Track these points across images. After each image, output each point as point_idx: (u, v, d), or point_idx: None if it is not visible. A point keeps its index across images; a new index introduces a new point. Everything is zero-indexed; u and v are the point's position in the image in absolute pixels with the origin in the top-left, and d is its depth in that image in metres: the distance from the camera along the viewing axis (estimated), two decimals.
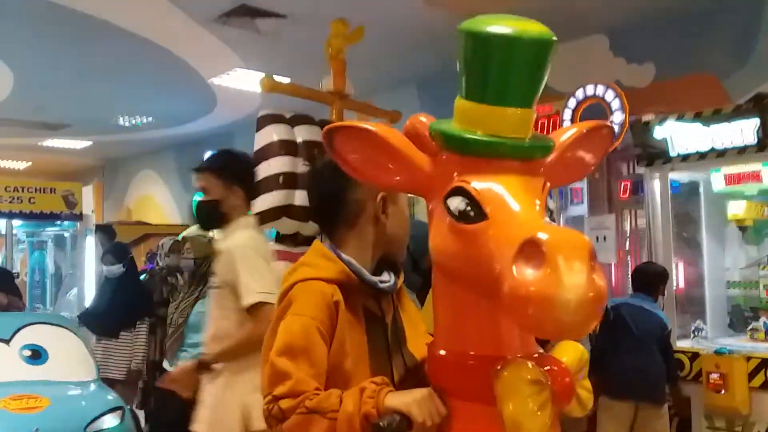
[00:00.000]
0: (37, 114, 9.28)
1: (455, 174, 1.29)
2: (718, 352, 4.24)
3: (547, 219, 1.29)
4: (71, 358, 4.48)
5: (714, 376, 4.16)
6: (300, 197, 4.00)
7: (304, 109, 4.50)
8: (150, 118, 9.81)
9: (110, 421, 4.06)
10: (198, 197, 3.09)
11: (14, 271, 7.67)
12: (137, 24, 6.08)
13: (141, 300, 5.53)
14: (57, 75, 7.64)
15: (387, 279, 1.58)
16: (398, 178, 1.38)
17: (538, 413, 1.22)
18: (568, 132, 1.46)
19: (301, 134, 4.24)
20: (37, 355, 4.31)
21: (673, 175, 4.75)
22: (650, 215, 4.91)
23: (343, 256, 1.54)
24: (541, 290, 1.05)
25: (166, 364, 4.63)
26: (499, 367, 1.25)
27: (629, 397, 4.09)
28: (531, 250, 1.08)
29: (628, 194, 5.35)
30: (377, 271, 1.61)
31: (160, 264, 5.90)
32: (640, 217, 5.37)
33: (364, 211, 1.58)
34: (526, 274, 1.07)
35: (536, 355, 1.35)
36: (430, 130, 1.35)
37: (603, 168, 5.48)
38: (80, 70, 7.48)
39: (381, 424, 1.29)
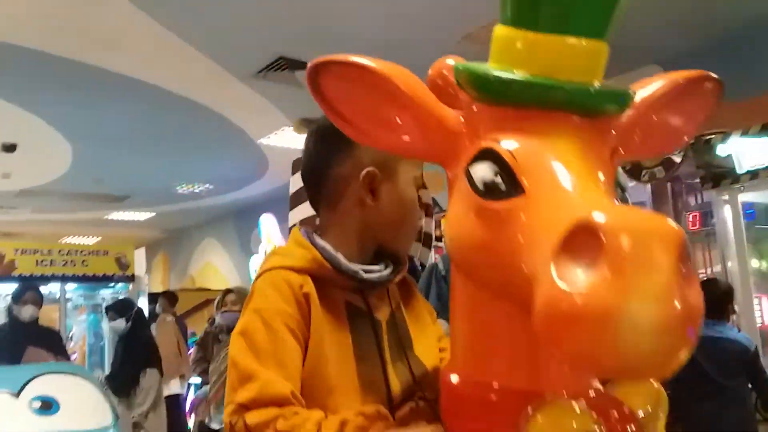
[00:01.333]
0: (98, 186, 9.56)
1: (486, 132, 0.93)
2: None
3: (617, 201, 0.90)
4: (85, 406, 4.34)
5: None
6: None
7: None
8: (208, 185, 9.96)
9: None
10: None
11: (70, 333, 7.74)
12: (183, 86, 6.18)
13: (146, 352, 5.51)
14: (114, 145, 7.84)
15: (375, 269, 1.27)
16: (407, 137, 1.00)
17: None
18: (655, 83, 1.03)
19: None
20: (48, 406, 4.21)
21: (743, 197, 4.36)
22: (723, 245, 4.49)
23: (318, 241, 1.25)
24: (595, 303, 0.68)
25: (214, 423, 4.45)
26: (531, 409, 0.88)
27: None
28: (582, 241, 0.71)
29: (698, 225, 4.96)
30: (375, 263, 1.31)
31: (215, 322, 5.83)
32: (714, 249, 4.94)
33: (347, 190, 1.26)
34: (573, 276, 0.70)
35: (591, 393, 0.96)
36: (456, 72, 0.97)
37: (668, 198, 5.11)
38: (136, 139, 7.66)
39: None
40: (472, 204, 0.92)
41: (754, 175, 4.18)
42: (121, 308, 5.86)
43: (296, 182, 4.32)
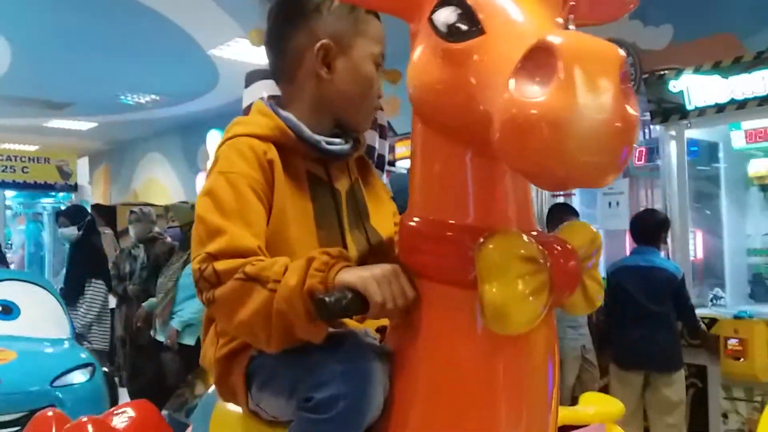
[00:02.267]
0: (38, 91, 9.14)
1: None
2: (737, 317, 3.96)
3: None
4: (44, 316, 4.35)
5: (732, 342, 3.87)
6: None
7: None
8: (154, 96, 9.65)
9: (79, 377, 3.91)
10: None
11: (8, 242, 7.52)
12: None
13: (92, 263, 5.43)
14: (57, 48, 7.46)
15: (335, 141, 1.31)
16: None
17: (530, 299, 0.94)
18: None
19: None
20: (8, 311, 4.19)
21: (690, 133, 4.47)
22: (666, 179, 4.62)
23: (281, 112, 1.28)
24: (549, 111, 0.76)
25: (158, 334, 4.47)
26: (483, 239, 0.97)
27: (638, 367, 3.86)
28: (538, 60, 0.79)
29: (643, 160, 5.07)
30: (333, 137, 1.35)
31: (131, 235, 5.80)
32: (657, 186, 5.09)
33: (303, 63, 1.29)
34: (530, 90, 0.78)
35: (534, 232, 1.05)
36: None
37: None
38: (80, 43, 7.29)
39: (326, 299, 1.01)
40: (435, 48, 0.98)
41: (702, 111, 4.27)
42: (74, 215, 5.61)
43: (249, 96, 4.22)
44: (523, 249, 0.96)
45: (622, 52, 0.79)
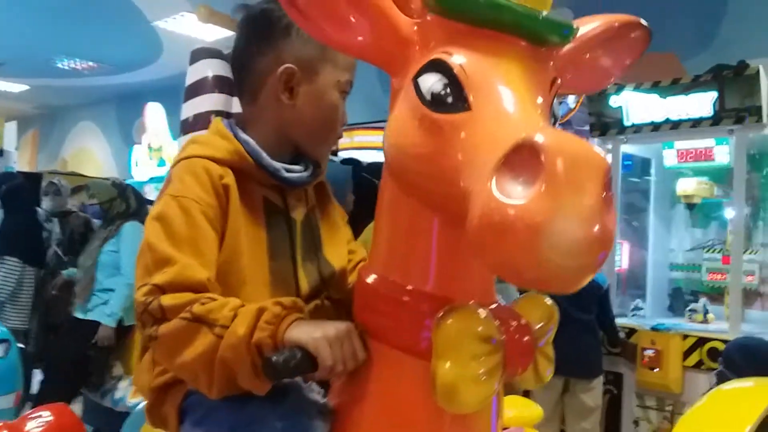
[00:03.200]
0: None
1: (438, 44, 0.96)
2: (654, 329, 4.11)
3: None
4: None
5: (649, 352, 4.01)
6: None
7: None
8: (91, 63, 9.30)
9: None
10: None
11: None
12: None
13: (3, 238, 5.13)
14: None
15: (295, 169, 1.26)
16: (361, 38, 1.00)
17: (482, 380, 0.93)
18: (591, 23, 1.09)
19: None
20: None
21: (625, 148, 4.60)
22: None
23: (241, 134, 1.22)
24: (529, 215, 0.73)
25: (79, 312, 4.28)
26: (442, 313, 0.95)
27: (560, 373, 3.92)
28: (523, 159, 0.76)
29: None
30: (293, 164, 1.29)
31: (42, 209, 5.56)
32: None
33: (266, 85, 1.24)
34: (510, 190, 0.75)
35: (493, 305, 1.03)
36: None
37: None
38: (16, 1, 6.96)
39: (274, 359, 0.97)
40: (417, 113, 0.94)
41: (638, 128, 4.40)
42: None
43: (194, 74, 4.11)
44: (480, 326, 0.94)
45: (605, 156, 0.77)
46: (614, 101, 4.45)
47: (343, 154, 5.62)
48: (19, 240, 5.16)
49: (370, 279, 1.09)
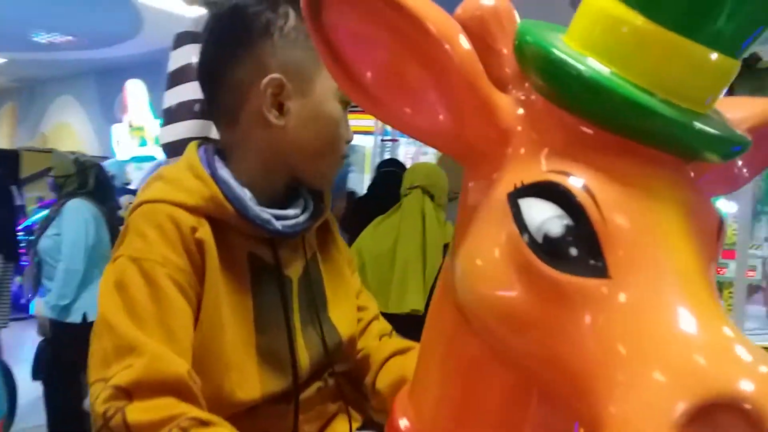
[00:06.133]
0: None
1: (551, 148, 0.60)
2: None
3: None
4: None
5: None
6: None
7: None
8: (69, 37, 8.96)
9: None
10: None
11: None
12: None
13: None
14: None
15: (289, 214, 1.00)
16: (435, 121, 0.64)
17: None
18: (744, 108, 0.70)
19: None
20: None
21: None
22: None
23: (220, 172, 0.95)
24: None
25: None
26: None
27: None
28: (716, 417, 0.47)
29: None
30: (287, 199, 1.03)
31: None
32: None
33: (247, 103, 0.96)
34: None
35: None
36: (522, 38, 0.62)
37: None
38: None
39: None
40: (518, 256, 0.58)
41: None
42: None
43: (177, 59, 3.87)
44: None
45: None
46: None
47: None
48: None
49: (404, 424, 0.79)
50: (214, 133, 3.62)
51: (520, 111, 0.63)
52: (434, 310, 0.77)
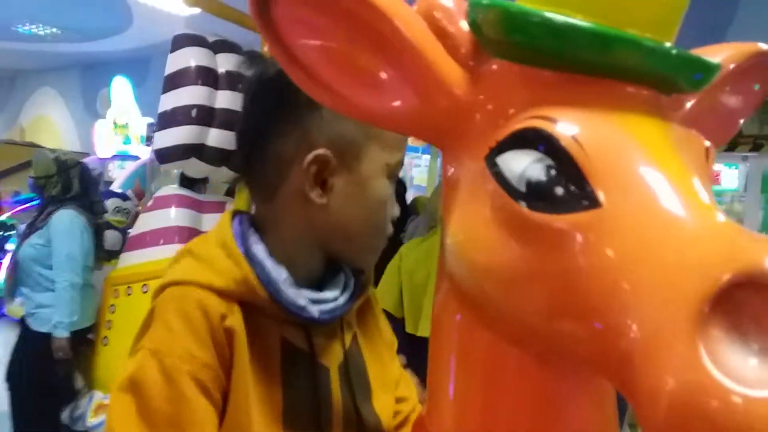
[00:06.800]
0: None
1: (518, 105, 0.60)
2: None
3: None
4: None
5: None
6: (215, 137, 3.33)
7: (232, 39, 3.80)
8: (55, 29, 8.75)
9: None
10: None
11: None
12: None
13: None
14: None
15: (328, 297, 0.91)
16: (398, 103, 0.65)
17: None
18: (721, 52, 0.72)
19: (225, 64, 3.52)
20: None
21: None
22: None
23: (254, 249, 0.87)
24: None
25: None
26: None
27: None
28: (743, 305, 0.45)
29: None
30: (325, 274, 0.95)
31: None
32: None
33: (287, 177, 0.88)
34: (729, 360, 0.44)
35: None
36: (473, 6, 0.61)
37: None
38: None
39: None
40: (505, 213, 0.57)
41: None
42: None
43: (175, 62, 3.73)
44: None
45: None
46: None
47: None
48: None
49: None
50: (210, 140, 3.51)
51: (481, 81, 0.64)
52: (437, 317, 0.75)
